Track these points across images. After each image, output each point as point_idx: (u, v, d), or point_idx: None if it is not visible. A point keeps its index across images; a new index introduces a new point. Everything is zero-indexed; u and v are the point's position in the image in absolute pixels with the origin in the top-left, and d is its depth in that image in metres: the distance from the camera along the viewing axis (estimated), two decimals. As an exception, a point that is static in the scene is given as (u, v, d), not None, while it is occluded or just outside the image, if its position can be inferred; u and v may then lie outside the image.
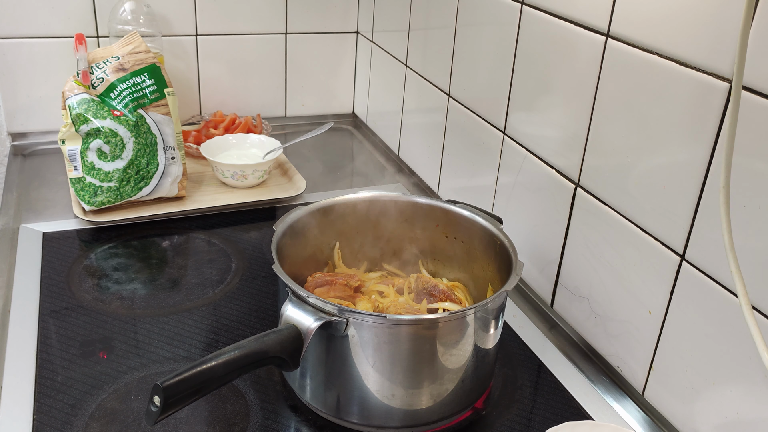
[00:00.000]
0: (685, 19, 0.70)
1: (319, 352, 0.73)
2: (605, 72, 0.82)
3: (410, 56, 1.33)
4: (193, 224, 1.16)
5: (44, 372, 0.81)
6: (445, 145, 1.23)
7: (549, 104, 0.93)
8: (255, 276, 1.03)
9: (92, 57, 1.14)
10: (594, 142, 0.85)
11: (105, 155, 1.09)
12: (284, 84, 1.58)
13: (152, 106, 1.13)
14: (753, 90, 0.63)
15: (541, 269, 0.99)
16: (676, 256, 0.75)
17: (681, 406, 0.77)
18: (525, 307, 1.01)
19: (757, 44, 0.62)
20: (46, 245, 1.07)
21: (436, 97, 1.24)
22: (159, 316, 0.94)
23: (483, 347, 0.76)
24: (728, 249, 0.63)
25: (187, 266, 1.06)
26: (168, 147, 1.14)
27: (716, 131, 0.68)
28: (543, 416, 0.81)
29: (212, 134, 1.38)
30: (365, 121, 1.62)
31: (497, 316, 0.77)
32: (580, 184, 0.89)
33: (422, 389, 0.74)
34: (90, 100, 1.09)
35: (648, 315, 0.80)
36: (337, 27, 1.56)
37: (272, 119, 1.58)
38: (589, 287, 0.89)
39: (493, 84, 1.05)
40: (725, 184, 0.62)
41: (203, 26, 1.45)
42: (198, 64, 1.48)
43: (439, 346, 0.72)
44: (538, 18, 0.93)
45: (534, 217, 0.98)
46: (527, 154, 0.99)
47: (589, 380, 0.87)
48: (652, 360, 0.80)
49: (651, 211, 0.78)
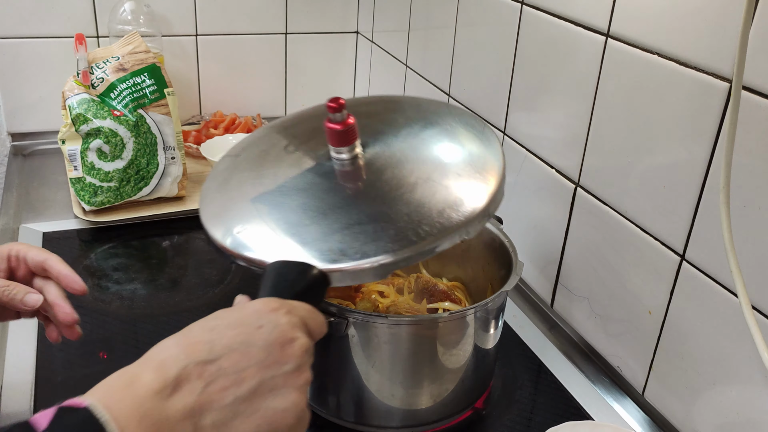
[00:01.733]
0: (685, 19, 0.70)
1: (319, 352, 0.73)
2: (605, 72, 0.82)
3: (410, 56, 1.33)
4: (193, 224, 1.16)
5: (44, 372, 0.81)
6: (445, 145, 1.23)
7: (549, 104, 0.93)
8: (255, 276, 1.03)
9: (92, 57, 1.14)
10: (594, 142, 0.85)
11: (105, 155, 1.09)
12: (284, 84, 1.58)
13: (152, 106, 1.13)
14: (753, 90, 0.63)
15: (541, 269, 0.99)
16: (676, 256, 0.75)
17: (681, 406, 0.77)
18: (525, 307, 1.01)
19: (757, 44, 0.62)
20: (46, 245, 1.07)
21: (436, 97, 1.24)
22: (159, 316, 0.94)
23: (483, 347, 0.76)
24: (728, 249, 0.63)
25: (187, 266, 1.06)
26: (168, 147, 1.14)
27: (716, 131, 0.68)
28: (543, 416, 0.81)
29: (212, 134, 1.38)
30: (365, 121, 1.61)
31: (497, 316, 0.77)
32: (580, 184, 0.89)
33: (422, 389, 0.74)
34: (90, 100, 1.09)
35: (648, 315, 0.80)
36: (337, 27, 1.56)
37: (272, 119, 1.58)
38: (589, 287, 0.89)
39: (493, 84, 1.05)
40: (725, 184, 0.62)
41: (203, 26, 1.45)
42: (198, 64, 1.48)
43: (439, 346, 0.72)
44: (538, 18, 0.93)
45: (534, 217, 0.98)
46: (527, 154, 0.99)
47: (589, 380, 0.87)
48: (652, 360, 0.80)
49: (651, 211, 0.78)
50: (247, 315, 0.48)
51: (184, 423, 0.42)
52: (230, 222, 0.62)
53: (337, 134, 0.62)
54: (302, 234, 0.58)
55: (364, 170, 0.64)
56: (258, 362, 0.46)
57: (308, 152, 0.67)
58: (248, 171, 0.68)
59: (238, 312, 0.49)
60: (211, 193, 0.67)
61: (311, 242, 0.57)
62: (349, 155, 0.64)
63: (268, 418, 0.45)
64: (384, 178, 0.63)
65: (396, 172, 0.63)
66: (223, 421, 0.44)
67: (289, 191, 0.63)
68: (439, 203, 0.59)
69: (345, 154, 0.64)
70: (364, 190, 0.63)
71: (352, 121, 0.63)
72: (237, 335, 0.46)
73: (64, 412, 0.40)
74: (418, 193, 0.60)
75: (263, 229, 0.60)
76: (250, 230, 0.60)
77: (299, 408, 0.47)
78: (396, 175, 0.63)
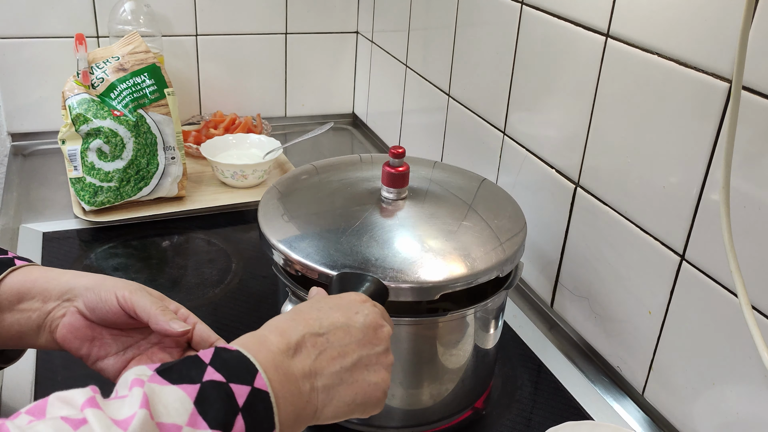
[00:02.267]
0: (685, 19, 0.70)
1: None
2: (605, 72, 0.82)
3: (410, 56, 1.33)
4: (193, 224, 1.16)
5: (44, 372, 0.81)
6: (445, 145, 1.23)
7: (549, 104, 0.93)
8: (255, 276, 1.03)
9: (92, 57, 1.14)
10: (594, 142, 0.85)
11: (105, 155, 1.09)
12: (284, 84, 1.58)
13: (152, 106, 1.13)
14: (753, 90, 0.63)
15: (541, 269, 0.99)
16: (676, 256, 0.75)
17: (681, 406, 0.77)
18: (525, 307, 1.01)
19: (757, 44, 0.62)
20: (46, 245, 1.07)
21: (436, 97, 1.24)
22: (159, 316, 0.93)
23: (483, 347, 0.76)
24: (728, 249, 0.63)
25: (187, 266, 1.06)
26: (168, 147, 1.14)
27: (716, 131, 0.68)
28: (543, 416, 0.81)
29: (212, 134, 1.38)
30: (365, 121, 1.62)
31: (497, 316, 0.77)
32: (580, 184, 0.89)
33: (422, 389, 0.74)
34: (90, 100, 1.09)
35: (648, 315, 0.80)
36: (337, 27, 1.56)
37: (272, 119, 1.58)
38: (589, 287, 0.89)
39: (493, 84, 1.05)
40: (725, 184, 0.62)
41: (203, 26, 1.45)
42: (198, 64, 1.48)
43: (439, 346, 0.72)
44: (538, 18, 0.93)
45: (534, 217, 0.98)
46: (527, 154, 0.99)
47: (589, 380, 0.87)
48: (652, 360, 0.80)
49: (651, 211, 0.78)
50: (346, 302, 0.57)
51: (304, 381, 0.50)
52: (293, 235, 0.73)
53: (391, 177, 0.74)
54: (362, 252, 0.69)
55: (408, 210, 0.75)
56: (357, 341, 0.54)
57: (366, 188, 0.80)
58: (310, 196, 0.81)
59: (338, 299, 0.58)
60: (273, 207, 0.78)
61: (374, 261, 0.68)
62: (397, 196, 0.75)
63: (363, 389, 0.54)
64: (429, 219, 0.74)
65: (438, 218, 0.75)
66: (331, 386, 0.52)
67: (331, 210, 0.76)
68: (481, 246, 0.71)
69: (392, 195, 0.75)
70: (400, 225, 0.73)
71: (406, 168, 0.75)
72: (340, 316, 0.55)
73: (221, 351, 0.48)
74: (464, 236, 0.72)
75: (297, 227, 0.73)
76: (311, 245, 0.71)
77: (386, 384, 0.56)
78: (438, 217, 0.74)
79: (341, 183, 0.81)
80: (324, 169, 0.86)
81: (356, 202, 0.76)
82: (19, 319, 0.62)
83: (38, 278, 0.62)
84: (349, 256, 0.68)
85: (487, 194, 0.82)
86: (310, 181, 0.83)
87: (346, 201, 0.77)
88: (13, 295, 0.62)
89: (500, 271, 0.71)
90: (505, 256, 0.72)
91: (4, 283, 0.62)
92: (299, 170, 0.86)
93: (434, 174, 0.84)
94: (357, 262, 0.67)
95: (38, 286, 0.62)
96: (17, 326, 0.62)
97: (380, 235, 0.70)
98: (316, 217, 0.76)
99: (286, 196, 0.80)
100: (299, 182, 0.83)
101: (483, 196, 0.81)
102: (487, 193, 0.83)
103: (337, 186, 0.81)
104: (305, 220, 0.75)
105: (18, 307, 0.62)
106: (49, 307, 0.62)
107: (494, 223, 0.75)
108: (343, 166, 0.87)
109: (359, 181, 0.81)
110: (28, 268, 0.64)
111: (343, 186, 0.80)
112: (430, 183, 0.81)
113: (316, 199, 0.79)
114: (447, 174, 0.86)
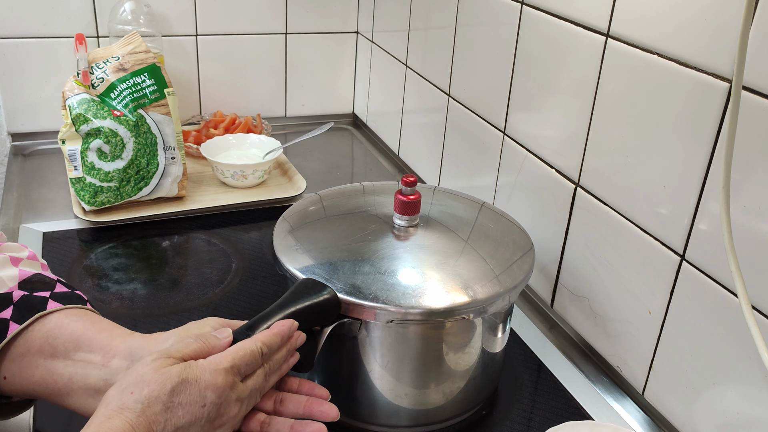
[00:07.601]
0: (685, 19, 0.70)
1: (331, 352, 0.73)
2: (605, 72, 0.82)
3: (410, 56, 1.33)
4: (193, 224, 1.17)
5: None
6: (445, 145, 1.23)
7: (549, 104, 0.93)
8: (255, 276, 1.03)
9: (92, 57, 1.14)
10: (594, 142, 0.85)
11: (105, 155, 1.09)
12: (284, 84, 1.58)
13: (152, 106, 1.13)
14: (753, 90, 0.63)
15: (541, 269, 0.99)
16: (676, 256, 0.75)
17: (681, 406, 0.77)
18: (525, 307, 1.01)
19: (757, 44, 0.62)
20: (46, 245, 1.07)
21: (436, 97, 1.24)
22: (159, 316, 0.94)
23: (490, 351, 0.77)
24: (728, 249, 0.63)
25: (187, 266, 1.06)
26: (168, 147, 1.14)
27: (716, 131, 0.68)
28: (543, 416, 0.81)
29: (212, 134, 1.38)
30: (365, 121, 1.62)
31: (504, 320, 0.77)
32: (580, 184, 0.89)
33: (432, 389, 0.74)
34: (90, 100, 1.09)
35: (648, 315, 0.80)
36: (337, 27, 1.56)
37: (272, 119, 1.59)
38: (589, 287, 0.89)
39: (493, 84, 1.05)
40: (725, 184, 0.62)
41: (203, 26, 1.45)
42: (198, 64, 1.48)
43: (447, 347, 0.73)
44: (538, 18, 0.93)
45: (534, 218, 0.98)
46: (527, 154, 0.99)
47: (589, 380, 0.87)
48: (652, 360, 0.80)
49: (651, 211, 0.78)
50: (197, 392, 0.57)
51: None
52: (294, 244, 0.76)
53: (404, 204, 0.76)
54: (339, 267, 0.72)
55: (416, 238, 0.77)
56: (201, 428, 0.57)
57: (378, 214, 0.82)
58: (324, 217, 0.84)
59: (194, 386, 0.57)
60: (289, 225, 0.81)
61: (341, 275, 0.70)
62: (408, 223, 0.77)
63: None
64: (431, 247, 0.76)
65: (441, 246, 0.76)
66: None
67: (347, 236, 0.77)
68: (466, 281, 0.71)
69: (404, 222, 0.77)
70: (408, 251, 0.75)
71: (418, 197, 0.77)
72: (185, 415, 0.56)
73: None
74: (459, 266, 0.73)
75: (314, 255, 0.74)
76: (304, 253, 0.75)
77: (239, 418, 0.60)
78: (441, 247, 0.76)
79: (350, 211, 0.83)
80: (328, 198, 0.87)
81: (369, 232, 0.78)
82: (75, 371, 0.63)
83: (103, 329, 0.65)
84: (323, 266, 0.71)
85: (487, 219, 0.84)
86: (318, 213, 0.84)
87: (357, 230, 0.78)
88: (71, 342, 0.64)
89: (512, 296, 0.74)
90: (519, 280, 0.74)
91: (63, 325, 0.64)
92: (306, 201, 0.87)
93: (435, 199, 0.86)
94: (326, 272, 0.70)
95: (100, 340, 0.64)
96: (67, 377, 0.63)
97: (367, 254, 0.73)
98: (338, 250, 0.76)
99: (296, 229, 0.80)
100: (308, 215, 0.84)
101: (485, 220, 0.83)
102: (487, 219, 0.84)
103: (347, 214, 0.83)
104: (329, 251, 0.76)
105: (74, 356, 0.63)
106: (113, 365, 0.63)
107: (504, 243, 0.78)
108: (348, 193, 0.88)
109: (368, 208, 0.83)
110: (89, 313, 0.67)
111: (353, 214, 0.83)
112: (439, 211, 0.83)
113: (332, 231, 0.80)
114: (449, 198, 0.87)
